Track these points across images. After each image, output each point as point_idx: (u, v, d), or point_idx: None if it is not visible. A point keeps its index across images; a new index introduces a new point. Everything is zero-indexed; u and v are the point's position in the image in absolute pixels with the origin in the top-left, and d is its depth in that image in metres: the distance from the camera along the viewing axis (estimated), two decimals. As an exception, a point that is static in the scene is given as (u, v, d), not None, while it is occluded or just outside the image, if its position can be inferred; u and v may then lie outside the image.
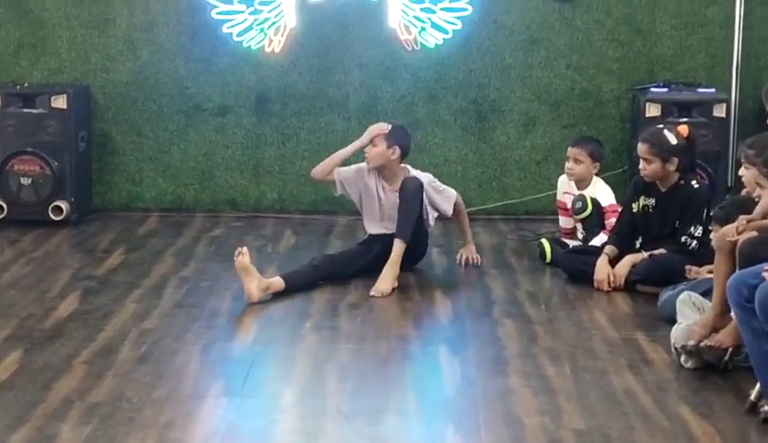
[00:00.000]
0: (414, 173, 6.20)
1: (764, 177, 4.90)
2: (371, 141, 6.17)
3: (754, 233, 4.45)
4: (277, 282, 5.76)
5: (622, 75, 7.54)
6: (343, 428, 4.20)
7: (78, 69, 7.64)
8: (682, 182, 5.89)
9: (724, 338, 4.56)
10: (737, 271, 4.26)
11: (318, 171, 6.33)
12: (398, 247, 5.91)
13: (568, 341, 5.14)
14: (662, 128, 6.04)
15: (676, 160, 5.86)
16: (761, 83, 7.34)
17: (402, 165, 6.23)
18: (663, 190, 5.94)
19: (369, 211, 6.24)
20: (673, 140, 5.87)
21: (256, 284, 5.64)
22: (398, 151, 6.15)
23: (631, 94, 7.42)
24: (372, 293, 5.78)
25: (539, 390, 4.51)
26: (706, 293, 5.08)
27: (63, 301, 5.67)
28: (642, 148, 5.93)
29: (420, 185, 6.04)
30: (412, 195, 5.99)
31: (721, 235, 4.64)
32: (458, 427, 4.18)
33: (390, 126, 6.21)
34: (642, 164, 5.93)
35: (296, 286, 5.82)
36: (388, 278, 5.84)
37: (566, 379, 4.63)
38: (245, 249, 5.70)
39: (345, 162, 6.33)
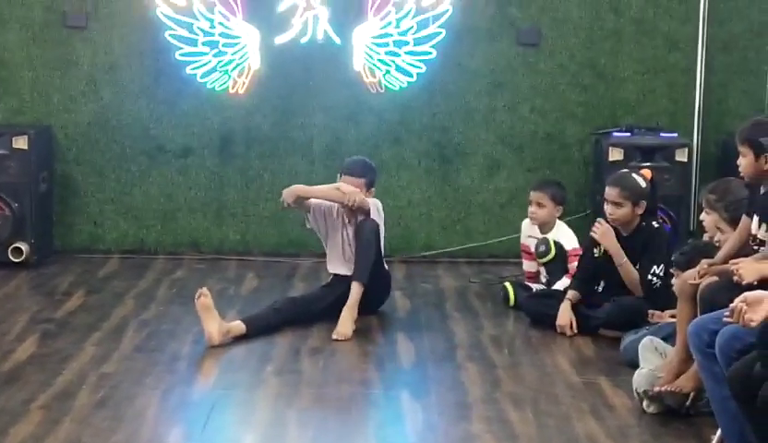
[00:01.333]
0: (371, 200, 6.16)
1: (725, 222, 4.95)
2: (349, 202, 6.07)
3: (715, 278, 4.45)
4: (238, 326, 5.72)
5: (585, 119, 7.58)
6: (304, 475, 4.16)
7: (40, 110, 7.59)
8: (644, 224, 5.91)
9: (684, 383, 4.56)
10: (698, 317, 4.25)
11: (300, 190, 6.20)
12: (356, 290, 5.89)
13: (531, 385, 5.12)
14: (629, 172, 6.07)
15: (644, 203, 5.89)
16: (722, 128, 7.44)
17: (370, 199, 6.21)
18: (624, 234, 5.96)
19: (334, 249, 6.21)
20: (642, 184, 5.91)
21: (216, 327, 5.60)
22: (372, 190, 6.18)
23: (594, 138, 7.46)
24: (334, 336, 5.74)
25: (502, 436, 4.48)
26: (668, 338, 5.09)
27: (21, 344, 5.60)
28: (612, 192, 5.94)
29: (376, 227, 6.02)
30: (368, 237, 5.97)
31: (682, 280, 4.65)
32: (419, 474, 4.15)
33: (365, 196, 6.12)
34: (610, 209, 5.93)
35: (258, 330, 5.77)
36: (347, 321, 5.81)
37: (528, 425, 4.61)
38: (206, 290, 5.66)
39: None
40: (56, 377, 5.11)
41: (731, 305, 3.52)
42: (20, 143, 7.20)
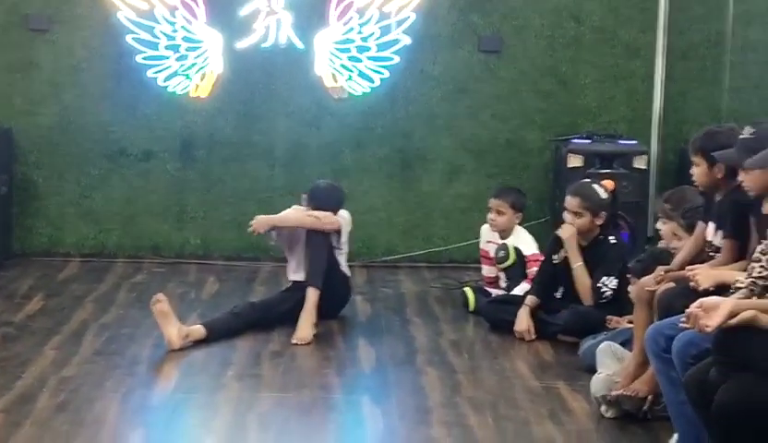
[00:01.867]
0: (341, 213, 6.18)
1: (683, 229, 5.01)
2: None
3: (672, 285, 4.51)
4: (198, 330, 5.72)
5: (546, 125, 7.65)
6: (264, 479, 4.17)
7: (0, 112, 7.54)
8: (602, 237, 5.96)
9: (640, 386, 4.61)
10: (654, 322, 4.31)
11: (274, 221, 6.13)
12: (311, 295, 5.90)
13: (490, 390, 5.15)
14: (590, 182, 6.10)
15: (604, 214, 5.94)
16: (680, 136, 7.53)
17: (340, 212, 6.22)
18: (583, 244, 6.00)
19: (296, 257, 6.22)
20: (603, 194, 5.95)
21: (176, 332, 5.59)
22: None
23: (554, 145, 7.52)
24: (293, 340, 5.76)
25: (462, 441, 4.50)
26: (626, 343, 5.14)
27: (-21, 348, 5.58)
28: (572, 202, 5.98)
29: (325, 234, 6.02)
30: (318, 243, 5.99)
31: (640, 286, 4.71)
32: (379, 478, 4.18)
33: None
34: (569, 218, 5.98)
35: (218, 334, 5.77)
36: (306, 325, 5.82)
37: (488, 429, 4.63)
38: (161, 296, 5.66)
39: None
40: (16, 380, 5.08)
41: (687, 311, 3.56)
42: (-20, 146, 7.18)
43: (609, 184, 6.06)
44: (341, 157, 7.63)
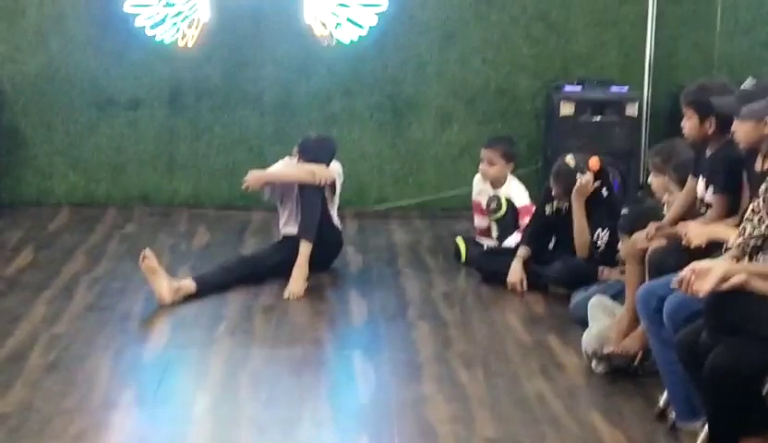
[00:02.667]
0: (333, 166, 6.15)
1: (674, 183, 4.98)
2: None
3: (663, 242, 4.50)
4: (188, 285, 5.70)
5: (537, 71, 7.59)
6: (257, 439, 4.18)
7: (-15, 61, 7.49)
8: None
9: (631, 344, 4.62)
10: (646, 282, 4.30)
11: (268, 177, 6.12)
12: (304, 247, 5.89)
13: (481, 344, 5.16)
14: (575, 169, 5.89)
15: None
16: (673, 80, 7.48)
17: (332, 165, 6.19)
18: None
19: (287, 210, 6.19)
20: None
21: (166, 286, 5.58)
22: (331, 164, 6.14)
23: (546, 92, 7.47)
24: (285, 295, 5.75)
25: (452, 397, 4.52)
26: (617, 296, 5.15)
27: (-30, 304, 5.57)
28: (554, 185, 5.95)
29: (318, 186, 5.99)
30: (311, 196, 5.97)
31: (632, 243, 4.69)
32: (371, 437, 4.19)
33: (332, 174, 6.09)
34: (554, 193, 5.97)
35: (208, 289, 5.76)
36: (298, 279, 5.82)
37: (478, 385, 4.65)
38: (149, 252, 5.63)
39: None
40: (7, 338, 5.09)
41: (679, 274, 3.56)
42: (-34, 95, 7.11)
43: (595, 163, 5.91)
44: (330, 104, 7.58)
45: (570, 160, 5.94)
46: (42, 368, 4.74)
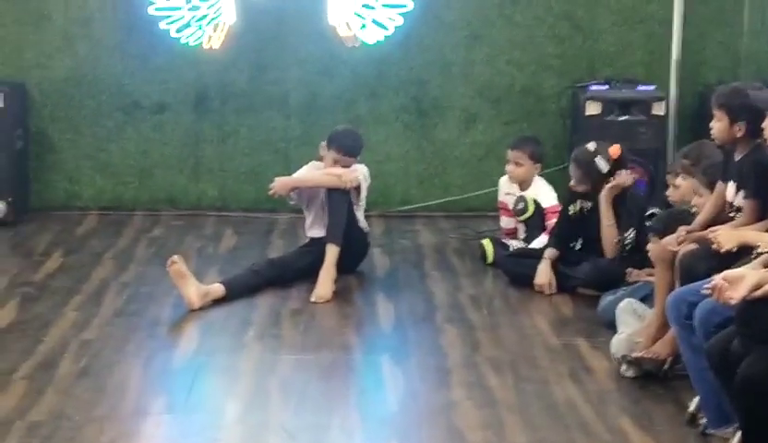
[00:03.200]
0: (356, 166, 6.15)
1: (704, 186, 4.95)
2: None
3: (694, 246, 4.48)
4: (217, 289, 5.72)
5: (563, 71, 7.57)
6: (287, 446, 4.20)
7: (13, 66, 7.51)
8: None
9: (661, 349, 4.60)
10: (676, 288, 4.29)
11: (294, 182, 6.16)
12: (331, 252, 5.89)
13: (510, 348, 5.16)
14: (594, 153, 5.94)
15: (605, 184, 5.88)
16: (699, 80, 7.45)
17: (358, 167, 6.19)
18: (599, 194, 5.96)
19: (313, 213, 6.21)
20: (604, 168, 5.87)
21: (195, 291, 5.60)
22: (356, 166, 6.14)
23: (572, 91, 7.45)
24: (312, 298, 5.76)
25: (482, 403, 4.52)
26: (645, 299, 5.14)
27: (0, 310, 5.58)
28: (573, 170, 5.95)
29: (345, 191, 5.99)
30: (337, 200, 5.97)
31: (662, 247, 4.67)
32: (401, 444, 4.20)
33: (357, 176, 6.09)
34: (573, 181, 5.97)
35: (237, 292, 5.78)
36: (326, 283, 5.82)
37: (508, 390, 4.65)
38: (176, 258, 5.65)
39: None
40: (38, 344, 5.10)
41: (711, 282, 3.54)
42: (-5, 101, 7.14)
43: (615, 150, 5.92)
44: (355, 106, 7.58)
45: (590, 145, 5.94)
46: (73, 375, 4.76)
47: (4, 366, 4.83)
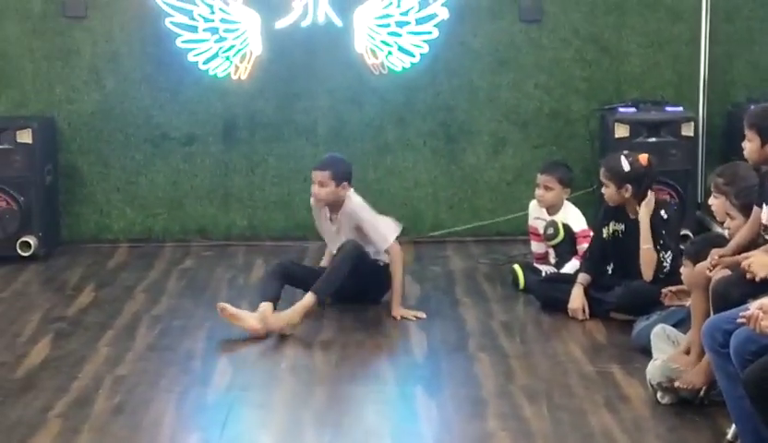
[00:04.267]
0: (356, 200, 6.11)
1: (735, 209, 4.92)
2: (318, 182, 6.06)
3: (727, 272, 4.44)
4: (267, 308, 5.73)
5: (590, 94, 7.56)
6: (323, 482, 4.19)
7: (42, 101, 7.58)
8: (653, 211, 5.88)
9: (696, 378, 4.55)
10: (711, 316, 4.25)
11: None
12: (307, 299, 5.78)
13: (544, 376, 5.12)
14: (619, 154, 5.98)
15: (629, 186, 5.85)
16: (727, 99, 7.42)
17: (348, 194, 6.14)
18: (632, 216, 5.94)
19: (326, 239, 6.33)
20: (626, 167, 5.85)
21: (254, 322, 5.65)
22: (346, 185, 6.09)
23: (600, 114, 7.43)
24: (278, 324, 5.71)
25: (517, 434, 4.48)
26: (679, 324, 5.10)
27: (34, 346, 5.59)
28: (601, 171, 5.99)
29: (354, 249, 5.93)
30: (343, 257, 5.91)
31: (697, 272, 4.63)
32: (437, 478, 4.18)
33: None
34: (603, 188, 5.96)
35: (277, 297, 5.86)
36: (284, 318, 5.71)
37: (543, 420, 4.61)
38: (222, 304, 5.71)
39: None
40: (72, 381, 5.11)
41: (747, 312, 3.51)
42: (24, 137, 7.19)
43: (644, 158, 5.92)
44: (383, 133, 7.60)
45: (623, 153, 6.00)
46: (108, 412, 4.76)
47: (39, 404, 4.84)
